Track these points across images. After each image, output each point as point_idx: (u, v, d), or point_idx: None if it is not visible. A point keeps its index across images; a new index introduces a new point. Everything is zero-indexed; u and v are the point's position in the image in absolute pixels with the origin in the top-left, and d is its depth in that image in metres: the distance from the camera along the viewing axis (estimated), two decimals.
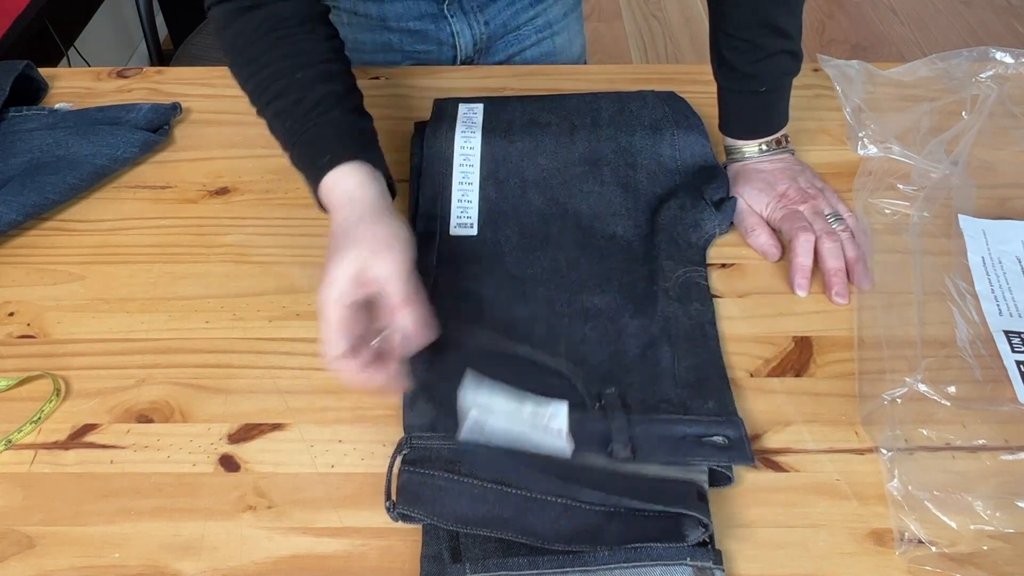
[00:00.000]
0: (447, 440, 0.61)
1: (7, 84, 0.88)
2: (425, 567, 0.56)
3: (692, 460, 0.59)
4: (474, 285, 0.72)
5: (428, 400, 0.63)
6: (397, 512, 0.58)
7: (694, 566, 0.54)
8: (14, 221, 0.77)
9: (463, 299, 0.71)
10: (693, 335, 0.68)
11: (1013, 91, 0.90)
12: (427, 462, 0.60)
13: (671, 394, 0.64)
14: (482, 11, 0.98)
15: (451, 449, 0.60)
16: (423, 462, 0.60)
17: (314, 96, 0.67)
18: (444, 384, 0.62)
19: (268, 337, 0.71)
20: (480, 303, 0.70)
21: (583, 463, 0.59)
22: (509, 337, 0.67)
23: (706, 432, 0.61)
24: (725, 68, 0.79)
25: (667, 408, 0.63)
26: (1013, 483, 0.60)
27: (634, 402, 0.63)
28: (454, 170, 0.81)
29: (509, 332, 0.68)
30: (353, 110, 0.70)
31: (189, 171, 0.86)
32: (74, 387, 0.67)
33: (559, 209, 0.79)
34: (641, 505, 0.56)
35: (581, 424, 0.61)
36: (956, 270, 0.74)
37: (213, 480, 0.62)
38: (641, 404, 0.63)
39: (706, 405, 0.63)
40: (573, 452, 0.60)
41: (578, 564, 0.55)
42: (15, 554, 0.57)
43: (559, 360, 0.65)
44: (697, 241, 0.76)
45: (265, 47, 0.69)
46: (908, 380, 0.64)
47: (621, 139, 0.82)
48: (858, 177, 0.82)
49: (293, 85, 0.68)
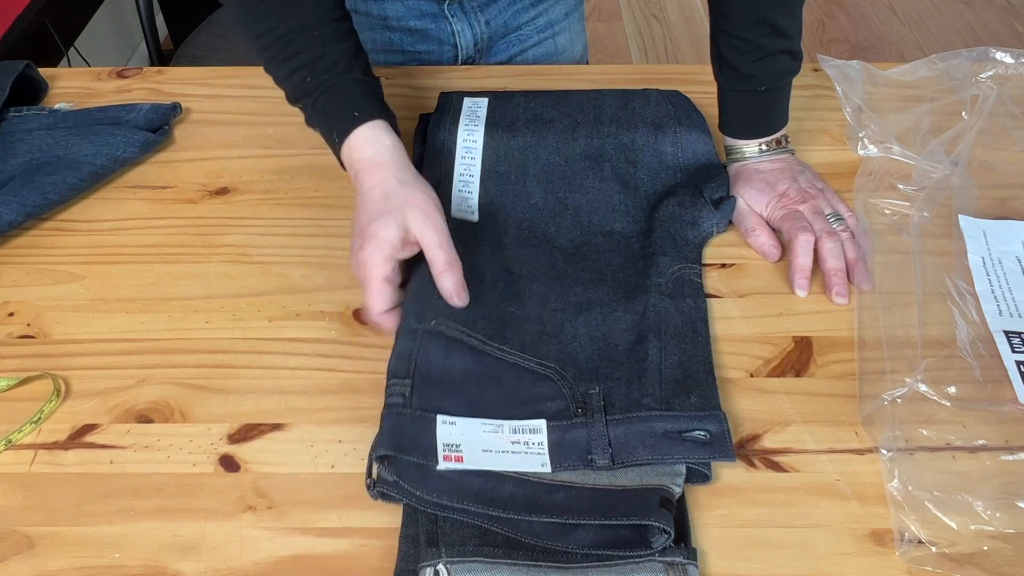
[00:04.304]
0: (421, 469, 0.60)
1: (7, 84, 0.88)
2: (403, 547, 0.57)
3: (671, 458, 0.59)
4: (473, 270, 0.71)
5: (399, 427, 0.61)
6: (377, 491, 0.58)
7: (664, 562, 0.55)
8: (14, 221, 0.77)
9: None
10: (683, 331, 0.68)
11: (1013, 91, 0.90)
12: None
13: (655, 390, 0.64)
14: (483, 11, 0.98)
15: (423, 469, 0.59)
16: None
17: (334, 54, 0.70)
18: (429, 388, 0.63)
19: (268, 337, 0.71)
20: (479, 286, 0.70)
21: (556, 480, 0.59)
22: (502, 337, 0.67)
23: (687, 427, 0.61)
24: (725, 68, 0.79)
25: (649, 404, 0.63)
26: (1013, 483, 0.60)
27: (618, 400, 0.63)
28: (456, 162, 0.81)
29: (503, 327, 0.68)
30: (367, 71, 0.72)
31: (189, 171, 0.86)
32: (74, 387, 0.67)
33: (559, 204, 0.79)
34: (603, 521, 0.57)
35: (563, 436, 0.61)
36: (956, 270, 0.74)
37: (213, 480, 0.62)
38: (624, 401, 0.63)
39: (689, 400, 0.63)
40: (555, 467, 0.60)
41: (552, 559, 0.55)
42: (15, 554, 0.57)
43: (547, 366, 0.65)
44: (694, 239, 0.76)
45: (277, 3, 0.70)
46: (908, 380, 0.64)
47: (623, 136, 0.82)
48: (858, 177, 0.82)
49: (311, 43, 0.70)
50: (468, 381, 0.64)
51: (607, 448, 0.60)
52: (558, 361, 0.66)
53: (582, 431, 0.61)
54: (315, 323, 0.72)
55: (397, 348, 0.65)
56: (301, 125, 0.73)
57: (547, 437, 0.61)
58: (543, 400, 0.64)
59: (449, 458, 0.59)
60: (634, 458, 0.60)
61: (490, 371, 0.65)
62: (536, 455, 0.60)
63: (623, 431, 0.61)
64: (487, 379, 0.64)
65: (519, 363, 0.65)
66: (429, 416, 0.61)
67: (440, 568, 0.54)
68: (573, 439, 0.61)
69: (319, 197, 0.82)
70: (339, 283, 0.74)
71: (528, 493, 0.59)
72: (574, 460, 0.60)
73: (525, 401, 0.63)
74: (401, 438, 0.60)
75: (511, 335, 0.67)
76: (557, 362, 0.66)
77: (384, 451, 0.59)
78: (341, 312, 0.72)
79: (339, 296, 0.74)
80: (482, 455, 0.60)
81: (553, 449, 0.61)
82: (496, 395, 0.64)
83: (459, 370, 0.64)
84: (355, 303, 0.73)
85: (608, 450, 0.60)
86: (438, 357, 0.64)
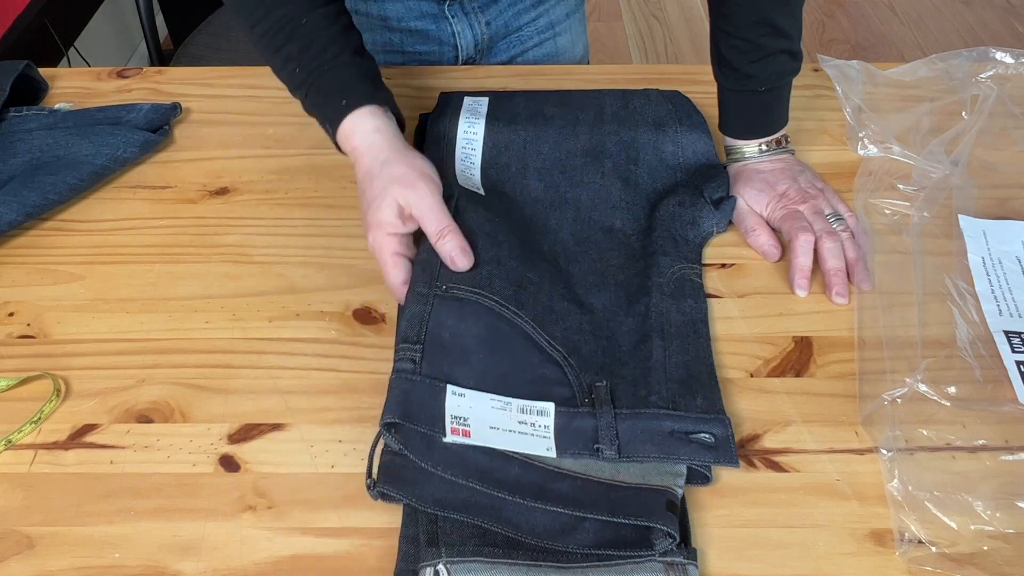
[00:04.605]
0: (429, 436, 0.60)
1: (7, 84, 0.88)
2: (403, 547, 0.57)
3: (677, 457, 0.60)
4: (492, 228, 0.71)
5: (410, 392, 0.61)
6: (377, 491, 0.58)
7: (664, 562, 0.55)
8: (14, 221, 0.77)
9: (482, 237, 0.70)
10: (684, 331, 0.68)
11: (1013, 91, 0.90)
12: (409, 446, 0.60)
13: (661, 389, 0.64)
14: (483, 12, 0.98)
15: (429, 440, 0.60)
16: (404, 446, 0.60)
17: (322, 40, 0.71)
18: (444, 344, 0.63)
19: (268, 337, 0.71)
20: (498, 246, 0.70)
21: (561, 469, 0.59)
22: (518, 300, 0.66)
23: (693, 429, 0.61)
24: (725, 68, 0.79)
25: (656, 402, 0.63)
26: (1013, 483, 0.60)
27: (624, 396, 0.63)
28: (456, 152, 0.81)
29: (520, 289, 0.67)
30: (357, 51, 0.73)
31: (189, 171, 0.86)
32: (74, 387, 0.67)
33: (558, 197, 0.79)
34: (609, 518, 0.57)
35: (569, 422, 0.61)
36: (956, 270, 0.74)
37: (213, 480, 0.62)
38: (631, 398, 0.63)
39: (695, 402, 0.63)
40: (560, 453, 0.60)
41: (552, 559, 0.55)
42: (15, 554, 0.57)
43: (555, 350, 0.65)
44: (694, 239, 0.76)
45: None
46: (908, 380, 0.64)
47: (624, 134, 0.83)
48: (858, 177, 0.82)
49: (300, 31, 0.72)
50: (480, 348, 0.64)
51: (615, 440, 0.60)
52: (564, 347, 0.66)
53: (590, 420, 0.61)
54: (315, 323, 0.72)
55: (407, 313, 0.65)
56: (301, 125, 0.74)
57: (554, 421, 0.61)
58: (551, 384, 0.63)
59: (456, 431, 0.59)
60: (641, 453, 0.60)
61: (503, 340, 0.64)
62: (542, 438, 0.60)
63: (631, 426, 0.61)
64: (500, 347, 0.64)
65: (531, 335, 0.65)
66: (439, 385, 0.61)
67: (440, 568, 0.54)
68: (580, 427, 0.61)
69: (319, 197, 0.82)
70: (339, 283, 0.74)
71: (533, 478, 0.59)
72: (580, 448, 0.60)
73: (533, 380, 0.63)
74: (409, 405, 0.59)
75: (527, 300, 0.67)
76: (564, 347, 0.66)
77: (392, 418, 0.58)
78: (341, 312, 0.72)
79: (339, 296, 0.74)
80: (489, 432, 0.60)
81: (559, 434, 0.60)
82: (506, 366, 0.63)
83: (472, 335, 0.64)
84: (355, 303, 0.73)
85: (616, 442, 0.60)
86: (450, 320, 0.64)
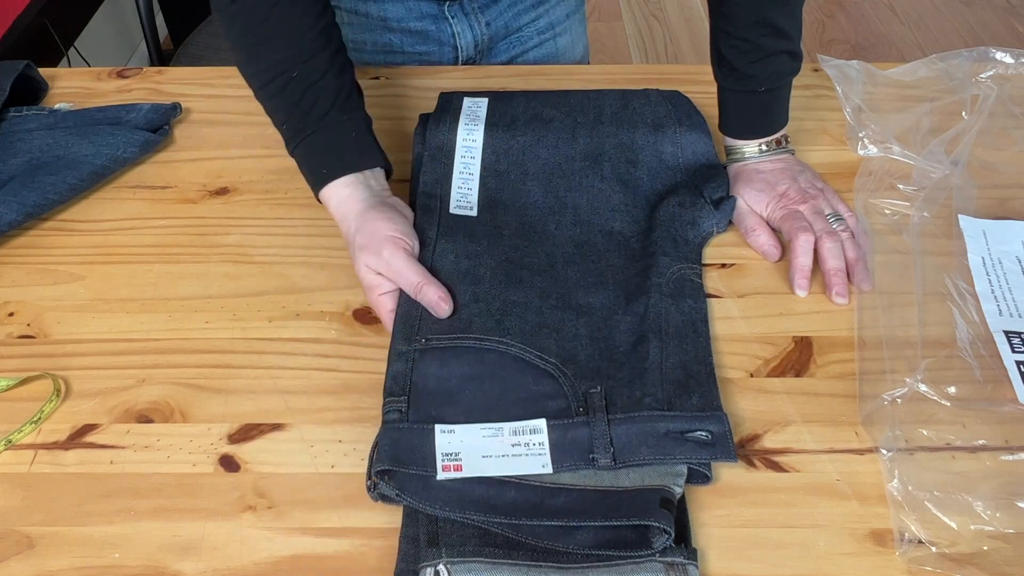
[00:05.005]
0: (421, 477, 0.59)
1: (7, 84, 0.88)
2: (403, 547, 0.57)
3: (673, 458, 0.59)
4: (471, 264, 0.72)
5: (398, 437, 0.61)
6: (377, 492, 0.58)
7: (664, 562, 0.55)
8: (14, 221, 0.77)
9: (459, 278, 0.71)
10: (684, 331, 0.68)
11: (1013, 91, 0.90)
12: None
13: (656, 390, 0.64)
14: (483, 12, 0.98)
15: (425, 480, 0.59)
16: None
17: (309, 99, 0.72)
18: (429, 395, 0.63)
19: (268, 337, 0.71)
20: (477, 283, 0.70)
21: (557, 483, 0.59)
22: (502, 328, 0.67)
23: (689, 427, 0.61)
24: (725, 68, 0.79)
25: (651, 404, 0.62)
26: (1013, 483, 0.60)
27: (619, 399, 0.63)
28: (455, 160, 0.81)
29: (504, 316, 0.68)
30: (344, 105, 0.74)
31: (189, 171, 0.86)
32: (74, 387, 0.67)
33: (558, 202, 0.79)
34: (604, 523, 0.57)
35: (565, 434, 0.61)
36: (956, 270, 0.74)
37: (213, 480, 0.62)
38: (626, 401, 0.63)
39: (690, 401, 0.63)
40: (557, 467, 0.60)
41: (552, 559, 0.55)
42: (15, 554, 0.57)
43: (548, 361, 0.65)
44: (694, 239, 0.76)
45: (265, 35, 0.72)
46: (908, 380, 0.64)
47: (623, 136, 0.82)
48: (858, 177, 0.82)
49: (291, 85, 0.73)
50: (466, 385, 0.64)
51: (609, 447, 0.60)
52: (558, 357, 0.66)
53: (584, 430, 0.61)
54: (315, 323, 0.72)
55: (390, 371, 0.65)
56: None
57: (548, 436, 0.61)
58: (544, 399, 0.64)
59: (448, 468, 0.59)
60: (636, 458, 0.59)
61: (490, 368, 0.65)
62: (537, 456, 0.60)
63: (625, 430, 0.61)
64: (487, 377, 0.64)
65: (520, 355, 0.65)
66: (427, 427, 0.61)
67: (440, 568, 0.54)
68: (575, 438, 0.61)
69: None
70: (339, 283, 0.74)
71: (530, 498, 0.59)
72: (576, 460, 0.60)
73: (526, 399, 0.63)
74: (399, 451, 0.60)
75: (512, 325, 0.67)
76: (558, 358, 0.66)
77: (383, 466, 0.59)
78: (341, 312, 0.72)
79: (339, 296, 0.74)
80: (482, 461, 0.60)
81: (554, 448, 0.60)
82: (496, 392, 0.64)
83: (457, 376, 0.64)
84: (355, 303, 0.73)
85: (610, 449, 0.60)
86: (433, 369, 0.65)
